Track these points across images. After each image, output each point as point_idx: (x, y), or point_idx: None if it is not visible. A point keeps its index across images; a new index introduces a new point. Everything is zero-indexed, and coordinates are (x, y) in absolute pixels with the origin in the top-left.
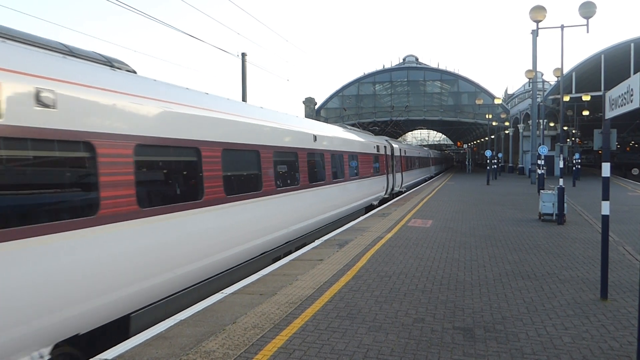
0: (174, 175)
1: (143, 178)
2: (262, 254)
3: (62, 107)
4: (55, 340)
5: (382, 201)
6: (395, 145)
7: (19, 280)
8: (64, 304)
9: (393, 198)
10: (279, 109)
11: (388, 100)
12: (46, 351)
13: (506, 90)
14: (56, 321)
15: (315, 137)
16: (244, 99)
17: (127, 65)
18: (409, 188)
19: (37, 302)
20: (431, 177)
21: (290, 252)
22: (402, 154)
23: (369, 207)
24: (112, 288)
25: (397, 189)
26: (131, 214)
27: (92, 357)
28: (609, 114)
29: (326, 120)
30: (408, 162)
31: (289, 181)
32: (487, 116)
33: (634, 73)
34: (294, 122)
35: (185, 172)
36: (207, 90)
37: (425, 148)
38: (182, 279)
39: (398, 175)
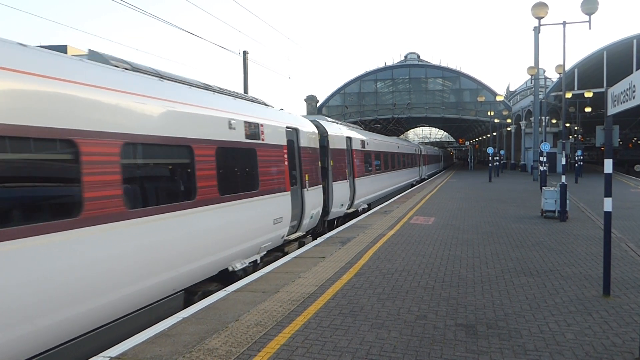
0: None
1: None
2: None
3: None
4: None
5: None
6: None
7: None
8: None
9: None
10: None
11: (390, 97)
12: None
13: (508, 87)
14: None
15: None
16: None
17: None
18: None
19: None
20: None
21: None
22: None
23: None
24: None
25: None
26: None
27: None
28: (612, 110)
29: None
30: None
31: None
32: (489, 113)
33: (637, 69)
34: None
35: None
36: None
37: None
38: None
39: None
